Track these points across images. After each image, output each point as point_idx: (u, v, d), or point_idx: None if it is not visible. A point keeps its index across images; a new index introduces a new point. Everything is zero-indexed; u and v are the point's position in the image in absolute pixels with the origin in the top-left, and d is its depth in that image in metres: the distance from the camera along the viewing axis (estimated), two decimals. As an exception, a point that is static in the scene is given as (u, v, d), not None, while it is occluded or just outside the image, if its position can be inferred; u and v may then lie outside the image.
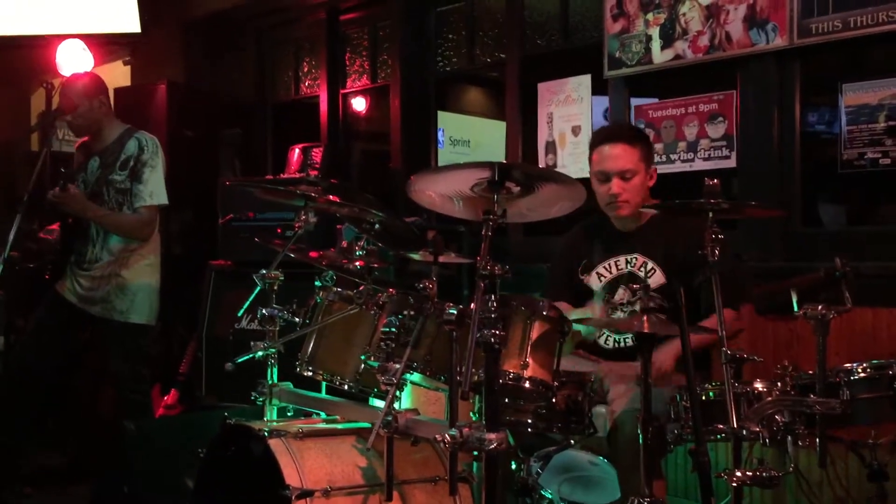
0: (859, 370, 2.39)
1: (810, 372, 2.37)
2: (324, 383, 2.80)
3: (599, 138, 3.08)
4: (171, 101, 5.36)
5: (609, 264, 3.06)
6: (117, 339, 3.81)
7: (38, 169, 3.66)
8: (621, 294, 3.02)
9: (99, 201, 3.75)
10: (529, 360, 2.35)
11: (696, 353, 2.84)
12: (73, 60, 5.53)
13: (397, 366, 2.30)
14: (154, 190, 3.74)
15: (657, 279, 2.96)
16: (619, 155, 2.99)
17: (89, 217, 3.74)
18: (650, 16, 3.98)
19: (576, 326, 2.68)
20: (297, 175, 4.84)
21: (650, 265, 2.99)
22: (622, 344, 3.01)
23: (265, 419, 2.76)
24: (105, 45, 6.06)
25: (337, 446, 2.63)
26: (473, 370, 2.08)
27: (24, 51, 6.36)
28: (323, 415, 2.83)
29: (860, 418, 2.40)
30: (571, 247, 3.23)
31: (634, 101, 4.16)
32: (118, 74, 6.45)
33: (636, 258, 3.02)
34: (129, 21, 5.89)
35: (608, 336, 3.04)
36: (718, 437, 2.38)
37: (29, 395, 3.82)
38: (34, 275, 4.38)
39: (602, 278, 3.06)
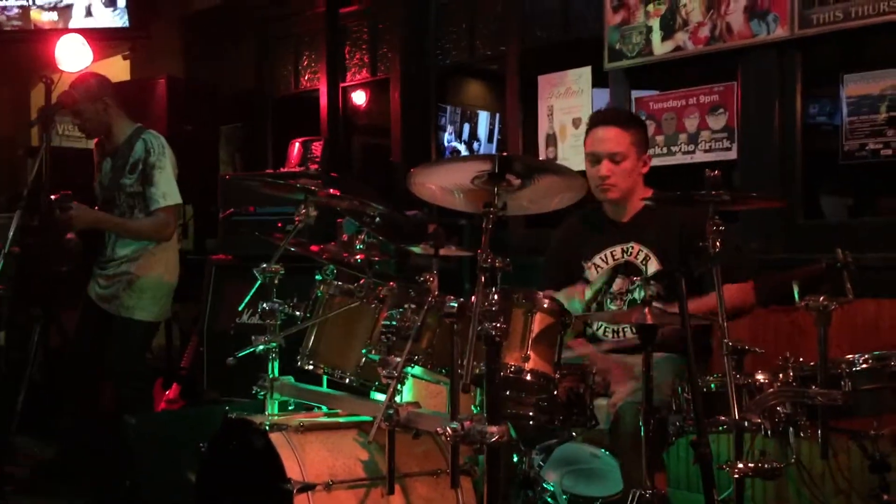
0: (861, 361, 2.38)
1: (812, 363, 2.36)
2: (325, 377, 2.80)
3: (594, 121, 3.10)
4: (171, 96, 5.35)
5: (605, 255, 3.06)
6: (119, 334, 3.82)
7: (37, 164, 3.65)
8: (619, 284, 3.01)
9: (112, 205, 3.78)
10: (531, 352, 2.35)
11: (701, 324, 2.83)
12: (72, 55, 5.52)
13: (398, 359, 2.30)
14: (166, 191, 3.74)
15: (653, 267, 2.96)
16: (610, 138, 2.99)
17: (105, 228, 3.79)
18: (651, 7, 3.96)
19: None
20: (298, 169, 4.84)
21: (645, 253, 2.99)
22: (622, 335, 3.00)
23: (266, 413, 2.75)
24: (104, 39, 6.05)
25: (338, 440, 2.63)
26: (475, 363, 2.08)
27: (24, 45, 6.36)
28: (324, 408, 2.82)
29: (862, 409, 2.40)
30: (567, 238, 3.22)
31: (635, 94, 4.15)
32: (118, 69, 6.45)
33: (632, 247, 3.02)
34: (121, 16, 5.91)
35: (606, 327, 3.04)
36: (720, 428, 2.38)
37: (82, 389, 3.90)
38: (69, 278, 4.40)
39: (599, 269, 3.06)
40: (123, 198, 3.76)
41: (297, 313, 2.79)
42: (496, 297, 2.12)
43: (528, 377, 2.35)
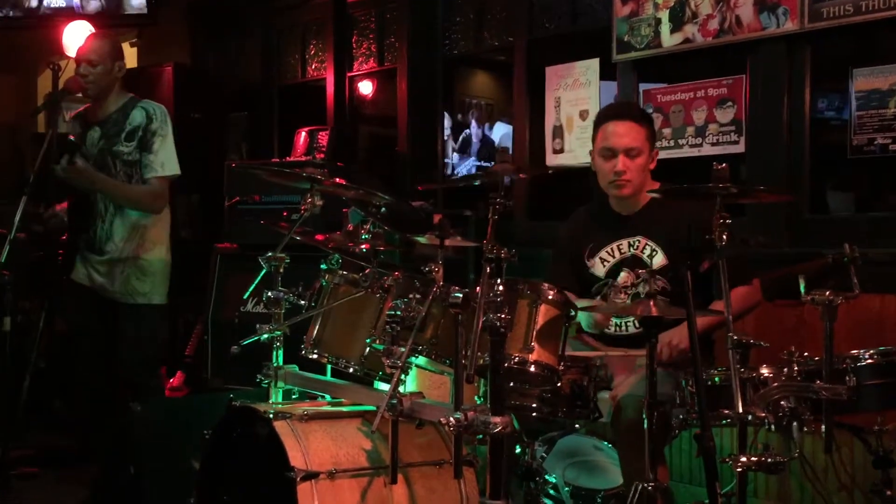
0: (866, 356, 2.38)
1: (816, 358, 2.36)
2: (329, 366, 2.81)
3: (606, 115, 3.05)
4: (178, 84, 5.35)
5: (612, 248, 3.05)
6: (138, 323, 3.72)
7: (43, 150, 3.63)
8: (624, 277, 3.00)
9: (105, 174, 3.64)
10: (535, 344, 2.35)
11: (707, 334, 2.84)
12: (80, 41, 5.51)
13: (402, 349, 2.30)
14: (165, 160, 3.65)
15: (659, 261, 2.96)
16: (626, 132, 2.95)
17: (98, 189, 3.62)
18: (660, -1, 3.95)
19: (580, 316, 2.67)
20: (304, 158, 4.84)
21: (652, 247, 2.98)
22: (625, 329, 3.00)
23: (270, 401, 2.76)
24: (112, 25, 6.04)
25: (342, 429, 2.63)
26: (479, 354, 2.08)
27: (31, 32, 6.36)
28: (328, 397, 2.83)
29: (866, 405, 2.40)
30: (573, 233, 3.21)
31: (643, 86, 4.13)
32: (125, 56, 6.43)
33: (639, 241, 3.01)
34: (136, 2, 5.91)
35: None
36: (724, 422, 2.38)
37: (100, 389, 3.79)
38: (44, 261, 4.35)
39: (605, 263, 3.05)
40: (120, 166, 3.64)
41: (302, 302, 2.79)
42: (501, 287, 2.12)
43: (532, 368, 2.35)
